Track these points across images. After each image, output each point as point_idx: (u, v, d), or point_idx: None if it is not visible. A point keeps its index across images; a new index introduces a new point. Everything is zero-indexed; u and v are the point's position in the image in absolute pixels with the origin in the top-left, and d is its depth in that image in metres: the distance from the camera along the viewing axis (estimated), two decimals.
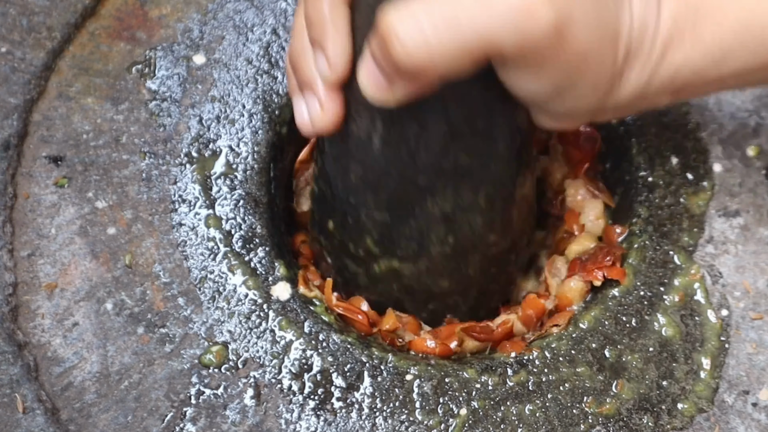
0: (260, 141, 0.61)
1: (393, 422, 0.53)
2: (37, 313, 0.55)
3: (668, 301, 0.57)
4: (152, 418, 0.52)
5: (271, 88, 0.63)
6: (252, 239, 0.58)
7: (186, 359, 0.54)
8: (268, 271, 0.57)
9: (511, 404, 0.53)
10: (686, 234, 0.59)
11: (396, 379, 0.54)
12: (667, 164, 0.61)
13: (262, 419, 0.53)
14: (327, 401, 0.53)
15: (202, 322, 0.55)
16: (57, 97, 0.61)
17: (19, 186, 0.58)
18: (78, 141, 0.60)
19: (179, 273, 0.57)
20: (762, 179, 0.61)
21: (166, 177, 0.60)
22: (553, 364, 0.55)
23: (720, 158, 0.61)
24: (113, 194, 0.59)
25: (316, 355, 0.54)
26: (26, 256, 0.56)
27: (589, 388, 0.54)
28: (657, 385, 0.54)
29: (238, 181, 0.60)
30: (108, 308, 0.55)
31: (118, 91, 0.62)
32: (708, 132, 0.62)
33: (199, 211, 0.59)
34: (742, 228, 0.59)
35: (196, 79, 0.63)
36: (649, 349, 0.55)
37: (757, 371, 0.55)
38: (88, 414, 0.52)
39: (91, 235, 0.57)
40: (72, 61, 0.62)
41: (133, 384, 0.53)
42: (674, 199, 0.60)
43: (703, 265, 0.58)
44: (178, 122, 0.61)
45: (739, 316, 0.57)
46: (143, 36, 0.64)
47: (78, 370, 0.54)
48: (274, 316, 0.56)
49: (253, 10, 0.65)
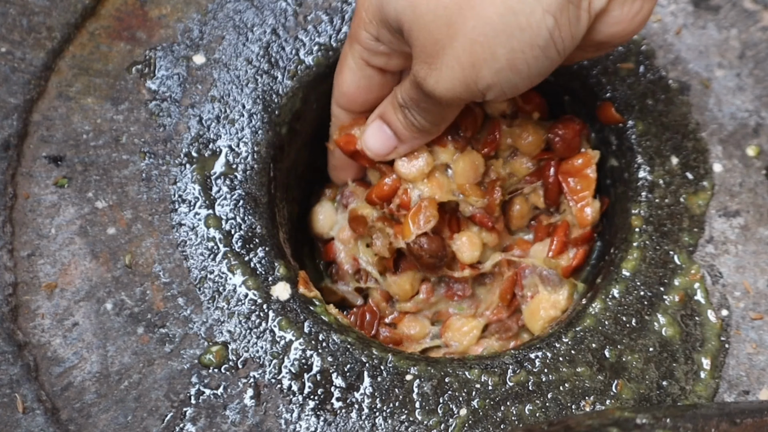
0: (260, 141, 0.61)
1: (393, 422, 0.53)
2: (37, 313, 0.55)
3: (668, 301, 0.57)
4: (152, 418, 0.52)
5: (271, 88, 0.63)
6: (252, 239, 0.58)
7: (186, 359, 0.54)
8: (267, 271, 0.57)
9: (511, 404, 0.53)
10: (686, 234, 0.59)
11: (396, 379, 0.54)
12: (667, 164, 0.61)
13: (262, 419, 0.53)
14: (327, 401, 0.53)
15: (202, 322, 0.55)
16: (57, 97, 0.61)
17: (19, 186, 0.58)
18: (78, 141, 0.60)
19: (179, 273, 0.57)
20: (762, 179, 0.61)
21: (166, 177, 0.60)
22: (553, 364, 0.55)
23: (720, 158, 0.61)
24: (113, 194, 0.59)
25: (316, 355, 0.54)
26: (26, 256, 0.56)
27: (589, 388, 0.54)
28: (657, 385, 0.54)
29: (238, 181, 0.60)
30: (108, 308, 0.55)
31: (118, 91, 0.62)
32: (708, 132, 0.62)
33: (199, 211, 0.59)
34: (742, 228, 0.59)
35: (196, 79, 0.63)
36: (649, 349, 0.55)
37: (757, 371, 0.55)
38: (88, 414, 0.52)
39: (91, 235, 0.57)
40: (72, 61, 0.62)
41: (133, 384, 0.53)
42: (674, 199, 0.60)
43: (703, 265, 0.58)
44: (178, 122, 0.61)
45: (739, 316, 0.57)
46: (143, 36, 0.64)
47: (78, 370, 0.54)
48: (274, 316, 0.56)
49: (253, 10, 0.65)
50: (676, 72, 0.64)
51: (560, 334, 0.56)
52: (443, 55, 0.50)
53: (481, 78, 0.50)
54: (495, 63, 0.49)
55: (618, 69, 0.64)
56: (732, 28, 0.65)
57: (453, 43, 0.50)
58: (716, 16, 0.66)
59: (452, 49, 0.50)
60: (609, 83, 0.64)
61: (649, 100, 0.63)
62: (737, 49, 0.65)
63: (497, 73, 0.49)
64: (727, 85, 0.64)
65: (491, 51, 0.49)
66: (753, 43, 0.65)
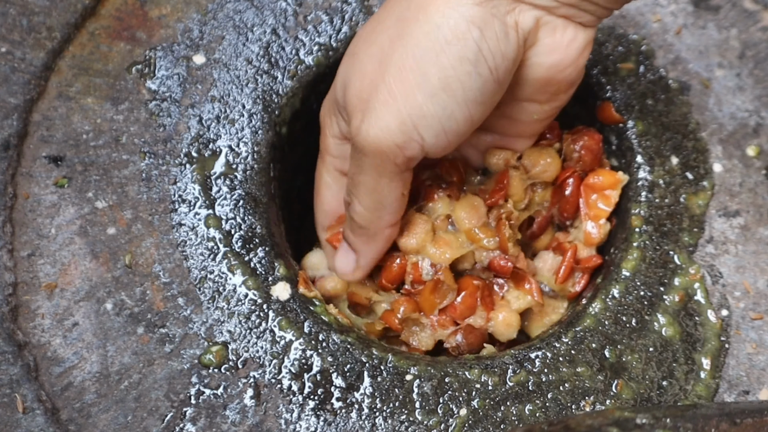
0: (260, 141, 0.61)
1: (393, 422, 0.53)
2: (37, 313, 0.55)
3: (668, 301, 0.57)
4: (152, 418, 0.52)
5: (271, 88, 0.63)
6: (252, 239, 0.58)
7: (186, 359, 0.54)
8: (267, 271, 0.57)
9: (511, 404, 0.53)
10: (686, 234, 0.59)
11: (396, 379, 0.54)
12: (667, 164, 0.61)
13: (261, 419, 0.53)
14: (327, 401, 0.53)
15: (202, 322, 0.55)
16: (57, 97, 0.61)
17: (19, 186, 0.58)
18: (78, 141, 0.60)
19: (179, 273, 0.57)
20: (762, 179, 0.61)
21: (166, 177, 0.60)
22: (553, 364, 0.55)
23: (720, 158, 0.61)
24: (113, 194, 0.59)
25: (316, 355, 0.54)
26: (26, 256, 0.56)
27: (589, 388, 0.54)
28: (657, 385, 0.54)
29: (238, 181, 0.60)
30: (108, 308, 0.55)
31: (118, 91, 0.62)
32: (708, 132, 0.62)
33: (199, 211, 0.59)
34: (742, 228, 0.59)
35: (196, 79, 0.63)
36: (649, 349, 0.55)
37: (757, 371, 0.55)
38: (88, 414, 0.52)
39: (91, 235, 0.57)
40: (72, 61, 0.62)
41: (133, 384, 0.53)
42: (674, 199, 0.60)
43: (703, 265, 0.58)
44: (178, 122, 0.61)
45: (739, 316, 0.57)
46: (143, 36, 0.64)
47: (78, 370, 0.54)
48: (274, 316, 0.56)
49: (253, 10, 0.65)
50: (676, 72, 0.64)
51: (560, 334, 0.56)
52: (376, 94, 0.48)
53: (416, 107, 0.47)
54: (427, 85, 0.47)
55: (618, 69, 0.64)
56: (732, 28, 0.65)
57: (385, 78, 0.48)
58: (716, 16, 0.66)
59: (384, 84, 0.48)
60: (609, 83, 0.64)
61: (649, 100, 0.63)
62: (737, 49, 0.65)
63: (432, 97, 0.47)
64: (727, 85, 0.64)
65: (422, 72, 0.47)
66: (753, 43, 0.65)
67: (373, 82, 0.49)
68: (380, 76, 0.48)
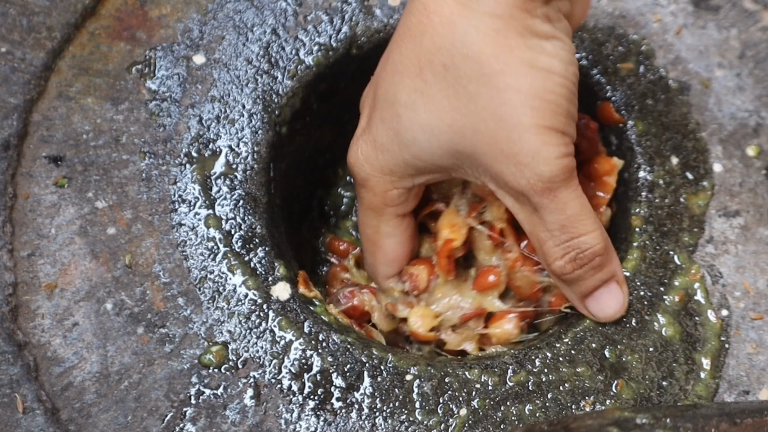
0: (260, 141, 0.61)
1: (393, 422, 0.53)
2: (37, 313, 0.55)
3: (668, 301, 0.57)
4: (152, 418, 0.52)
5: (271, 88, 0.63)
6: (252, 239, 0.58)
7: (186, 359, 0.54)
8: (267, 271, 0.57)
9: (511, 404, 0.53)
10: (686, 234, 0.59)
11: (396, 379, 0.54)
12: (667, 164, 0.61)
13: (261, 419, 0.53)
14: (327, 401, 0.53)
15: (202, 322, 0.55)
16: (57, 97, 0.61)
17: (19, 186, 0.58)
18: (78, 141, 0.60)
19: (179, 273, 0.57)
20: (762, 179, 0.61)
21: (166, 177, 0.60)
22: (553, 364, 0.55)
23: (720, 158, 0.61)
24: (113, 194, 0.59)
25: (315, 355, 0.54)
26: (26, 256, 0.56)
27: (589, 388, 0.54)
28: (657, 385, 0.54)
29: (238, 181, 0.60)
30: (108, 308, 0.55)
31: (118, 91, 0.62)
32: (708, 132, 0.62)
33: (199, 211, 0.59)
34: (742, 228, 0.59)
35: (196, 79, 0.63)
36: (649, 349, 0.55)
37: (757, 371, 0.55)
38: (88, 414, 0.52)
39: (91, 235, 0.57)
40: (72, 61, 0.62)
41: (133, 384, 0.53)
42: (674, 199, 0.60)
43: (703, 265, 0.58)
44: (178, 122, 0.61)
45: (739, 316, 0.57)
46: (143, 36, 0.64)
47: (78, 370, 0.54)
48: (274, 316, 0.56)
49: (253, 10, 0.65)
50: (676, 72, 0.64)
51: (560, 334, 0.56)
52: (520, 144, 0.50)
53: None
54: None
55: (618, 69, 0.64)
56: (732, 28, 0.65)
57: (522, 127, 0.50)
58: (716, 16, 0.66)
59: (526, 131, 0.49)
60: (609, 83, 0.64)
61: (649, 100, 0.63)
62: (737, 49, 0.65)
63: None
64: (727, 85, 0.64)
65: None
66: (753, 43, 0.65)
67: (500, 136, 0.49)
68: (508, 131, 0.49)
